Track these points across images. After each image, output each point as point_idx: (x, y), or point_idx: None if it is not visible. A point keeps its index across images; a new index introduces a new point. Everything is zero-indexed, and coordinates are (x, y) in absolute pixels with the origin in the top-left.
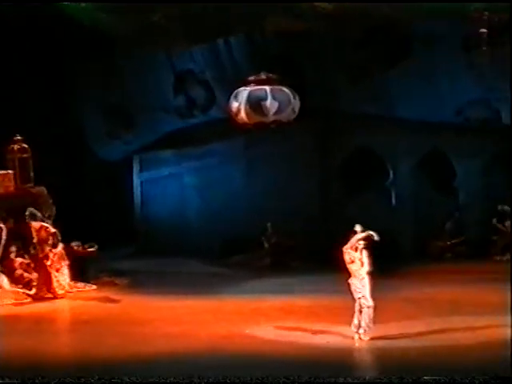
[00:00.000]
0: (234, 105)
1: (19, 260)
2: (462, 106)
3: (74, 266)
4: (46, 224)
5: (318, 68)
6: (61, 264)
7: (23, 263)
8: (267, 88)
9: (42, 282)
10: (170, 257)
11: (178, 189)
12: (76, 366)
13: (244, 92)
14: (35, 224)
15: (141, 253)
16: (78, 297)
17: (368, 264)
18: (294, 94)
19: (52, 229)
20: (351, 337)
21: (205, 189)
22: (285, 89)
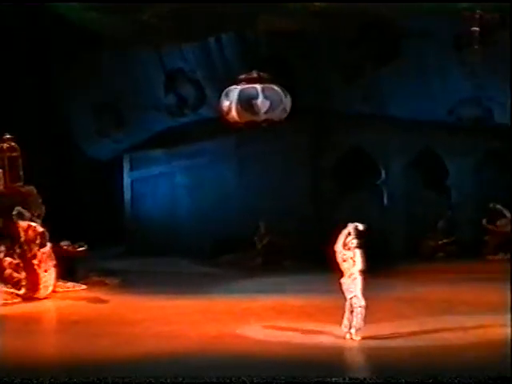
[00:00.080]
0: (225, 103)
1: (8, 260)
2: (454, 104)
3: (63, 265)
4: (33, 223)
5: (310, 67)
6: (49, 264)
7: (12, 263)
8: (258, 87)
9: (30, 282)
10: (161, 256)
11: (168, 188)
12: (66, 366)
13: (235, 91)
14: (23, 223)
15: (131, 252)
16: (68, 297)
17: (361, 262)
18: (285, 92)
19: (40, 228)
20: (343, 337)
21: (196, 188)
22: (276, 87)
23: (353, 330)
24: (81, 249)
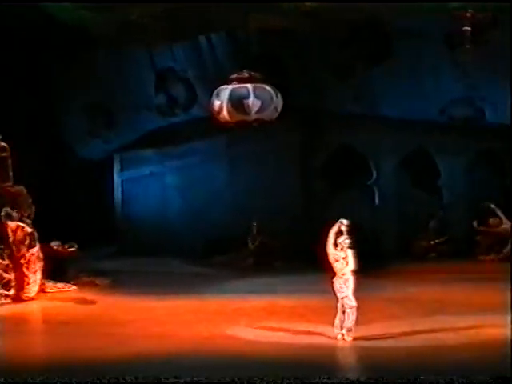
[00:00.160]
0: (216, 103)
1: None
2: (445, 104)
3: (53, 266)
4: (22, 224)
5: (302, 66)
6: (37, 265)
7: (2, 264)
8: (249, 86)
9: (19, 283)
10: (152, 257)
11: (159, 188)
12: (56, 367)
13: (226, 90)
14: (11, 224)
15: (122, 253)
16: (58, 297)
17: (353, 263)
18: (276, 92)
19: (29, 229)
20: (334, 337)
21: (187, 188)
22: (267, 87)
23: (344, 331)
24: (71, 249)
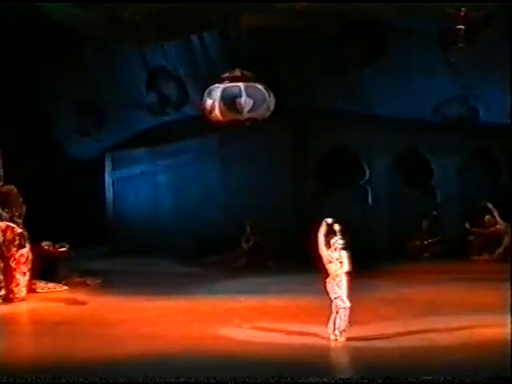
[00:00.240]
0: (208, 102)
1: None
2: (439, 103)
3: (44, 266)
4: (12, 224)
5: (293, 65)
6: (27, 265)
7: None
8: (241, 85)
9: (9, 284)
10: (143, 257)
11: (151, 187)
12: (47, 367)
13: (218, 89)
14: (1, 224)
15: (113, 253)
16: (49, 297)
17: (348, 264)
18: (268, 91)
19: (19, 229)
20: (327, 337)
21: (179, 187)
22: (259, 86)
23: (337, 332)
24: (62, 249)
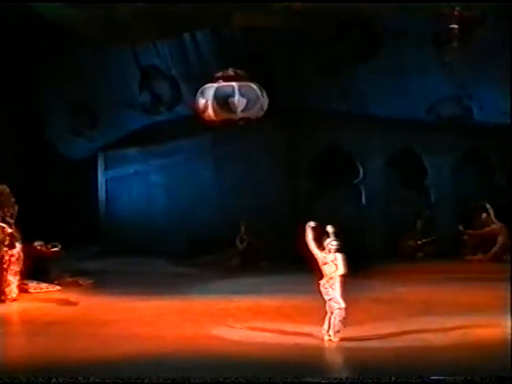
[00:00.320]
0: (201, 101)
1: None
2: (433, 102)
3: (37, 266)
4: (2, 224)
5: (288, 64)
6: (18, 266)
7: None
8: (235, 84)
9: (0, 284)
10: (136, 257)
11: (144, 187)
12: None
13: (211, 88)
14: None
15: (106, 252)
16: (41, 298)
17: (342, 267)
18: (262, 90)
19: (9, 229)
20: (321, 337)
21: (172, 187)
22: (253, 85)
23: (331, 332)
24: (55, 249)
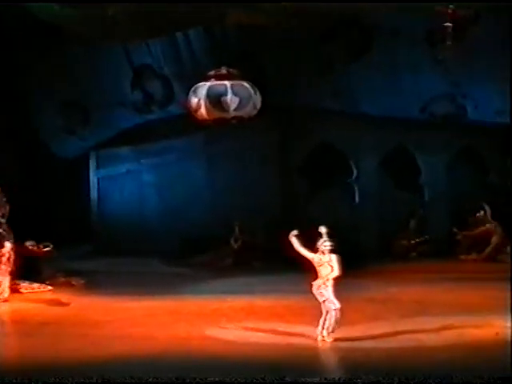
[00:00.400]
0: (194, 100)
1: None
2: (427, 101)
3: (28, 266)
4: None
5: (280, 63)
6: (9, 265)
7: None
8: (227, 83)
9: None
10: (129, 257)
11: (136, 186)
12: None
13: (203, 87)
14: None
15: (98, 252)
16: (33, 298)
17: (337, 269)
18: (254, 89)
19: None
20: (314, 337)
21: (164, 186)
22: (245, 84)
23: (325, 332)
24: (46, 249)
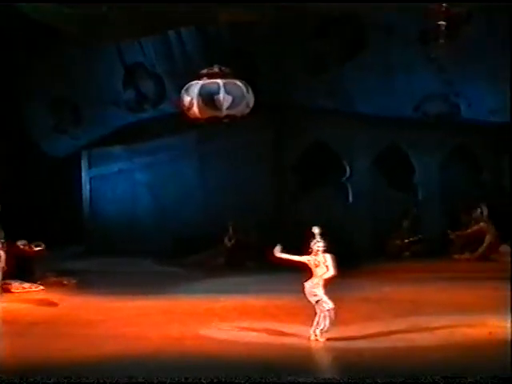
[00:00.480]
0: (186, 99)
1: None
2: (420, 100)
3: (20, 265)
4: None
5: (274, 61)
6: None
7: None
8: (220, 82)
9: None
10: (121, 256)
11: (128, 185)
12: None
13: (196, 86)
14: None
15: (90, 252)
16: (25, 298)
17: (332, 269)
18: (247, 87)
19: None
20: (307, 337)
21: (156, 185)
22: (238, 82)
23: (318, 331)
24: (38, 248)
